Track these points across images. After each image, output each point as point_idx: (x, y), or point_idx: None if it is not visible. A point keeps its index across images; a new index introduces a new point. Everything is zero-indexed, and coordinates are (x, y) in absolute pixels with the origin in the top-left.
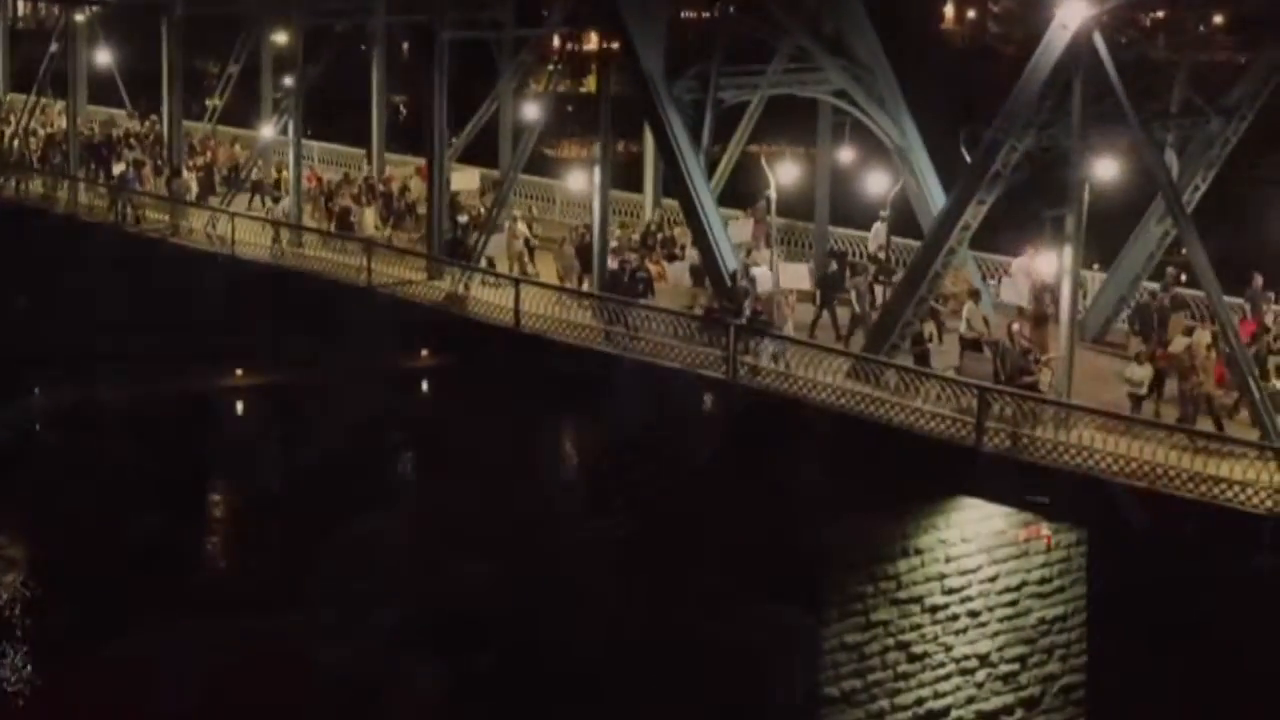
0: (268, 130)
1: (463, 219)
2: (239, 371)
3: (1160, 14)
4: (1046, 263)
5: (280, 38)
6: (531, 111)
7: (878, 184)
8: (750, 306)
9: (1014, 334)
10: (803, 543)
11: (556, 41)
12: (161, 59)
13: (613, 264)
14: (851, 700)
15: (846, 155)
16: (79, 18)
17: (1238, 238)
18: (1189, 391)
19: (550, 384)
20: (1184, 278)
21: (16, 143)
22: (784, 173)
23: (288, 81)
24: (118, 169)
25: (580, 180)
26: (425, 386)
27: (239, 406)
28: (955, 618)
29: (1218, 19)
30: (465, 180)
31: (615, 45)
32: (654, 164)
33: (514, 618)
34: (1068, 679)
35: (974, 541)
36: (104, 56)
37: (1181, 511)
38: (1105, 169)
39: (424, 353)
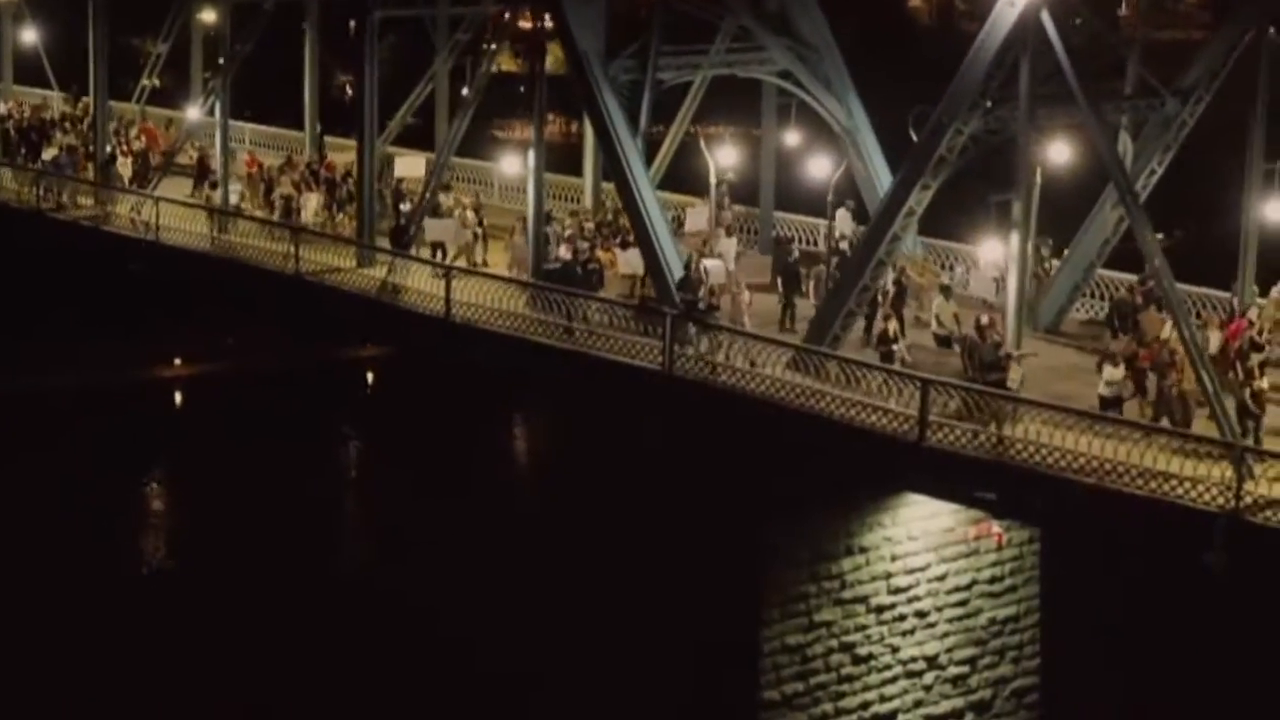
0: (194, 112)
1: (407, 207)
2: (177, 361)
3: None
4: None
5: (210, 15)
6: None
7: (823, 168)
8: (705, 299)
9: (984, 328)
10: (742, 540)
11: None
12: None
13: (565, 253)
14: (793, 704)
15: (792, 138)
16: None
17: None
18: (1167, 390)
19: (486, 376)
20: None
21: None
22: (724, 156)
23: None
24: (49, 154)
25: (515, 163)
26: (368, 377)
27: (177, 397)
28: (902, 618)
29: None
30: (411, 167)
31: (550, 23)
32: (594, 147)
33: (450, 614)
34: (1020, 682)
35: (921, 539)
36: (32, 36)
37: (1131, 509)
38: (1058, 152)
39: (366, 344)
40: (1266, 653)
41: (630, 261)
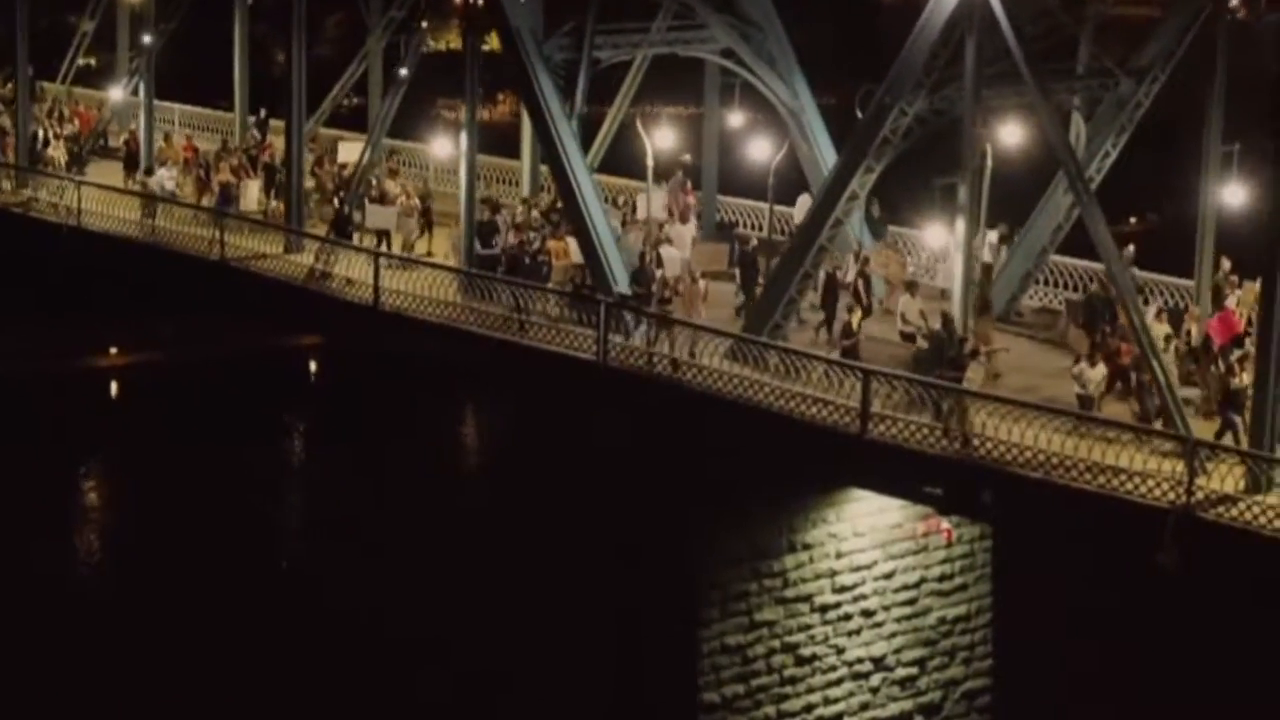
0: (116, 93)
1: (347, 194)
2: (113, 350)
3: None
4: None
5: None
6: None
7: (763, 150)
8: (659, 291)
9: (952, 321)
10: (680, 537)
11: None
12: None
13: (513, 239)
14: (734, 706)
15: (736, 119)
16: None
17: None
18: (1149, 384)
19: (431, 365)
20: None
21: None
22: (662, 138)
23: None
24: None
25: (446, 145)
26: (312, 366)
27: (113, 387)
28: (847, 618)
29: None
30: (354, 152)
31: None
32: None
33: (379, 611)
34: (971, 684)
35: (868, 536)
36: None
37: (1080, 505)
38: (1010, 134)
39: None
40: (1220, 650)
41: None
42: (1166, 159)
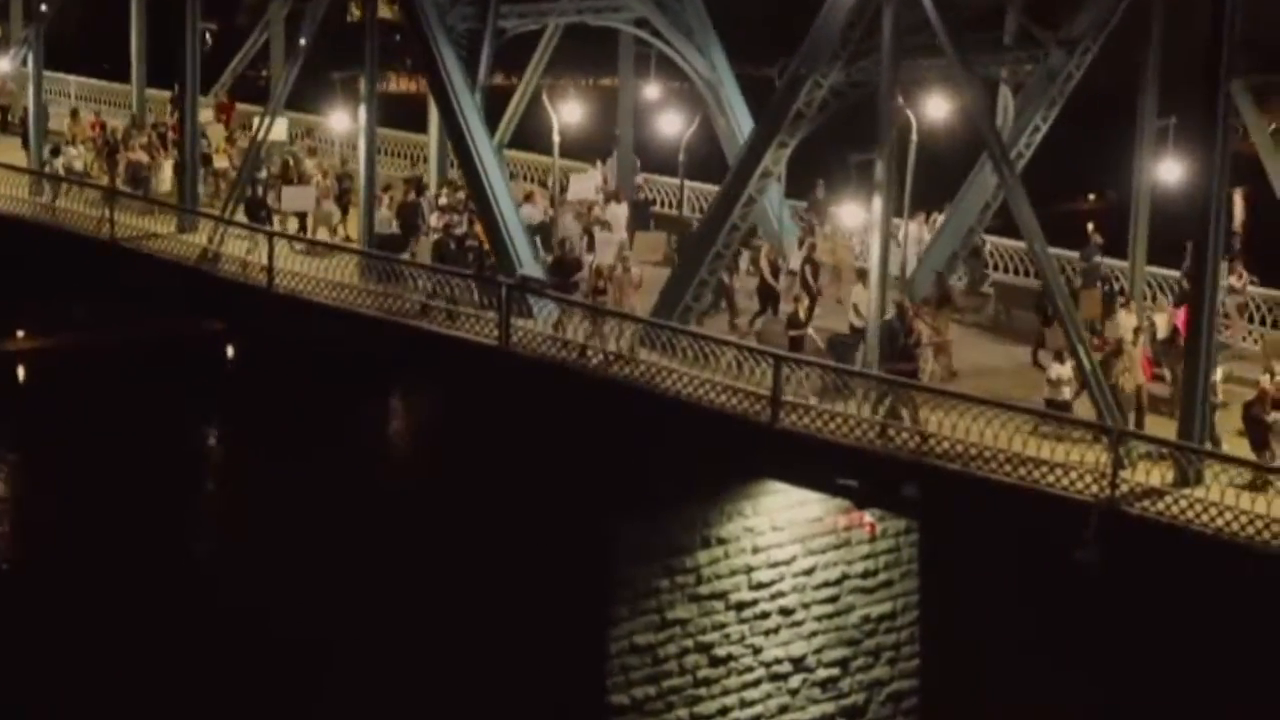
0: (4, 64)
1: (264, 174)
2: (19, 334)
3: None
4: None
5: None
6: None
7: (673, 124)
8: (591, 279)
9: (906, 311)
10: (587, 531)
11: None
12: None
13: (436, 222)
14: (644, 709)
15: (651, 91)
16: None
17: None
18: (1114, 380)
19: (315, 350)
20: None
21: None
22: (569, 112)
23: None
24: None
25: (344, 119)
26: (222, 350)
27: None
28: (765, 616)
29: None
30: (273, 129)
31: None
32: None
33: (277, 608)
34: (897, 685)
35: (786, 530)
36: None
37: (1001, 498)
38: (936, 108)
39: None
40: (1146, 649)
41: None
42: (1114, 135)
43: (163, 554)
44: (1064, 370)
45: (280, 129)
